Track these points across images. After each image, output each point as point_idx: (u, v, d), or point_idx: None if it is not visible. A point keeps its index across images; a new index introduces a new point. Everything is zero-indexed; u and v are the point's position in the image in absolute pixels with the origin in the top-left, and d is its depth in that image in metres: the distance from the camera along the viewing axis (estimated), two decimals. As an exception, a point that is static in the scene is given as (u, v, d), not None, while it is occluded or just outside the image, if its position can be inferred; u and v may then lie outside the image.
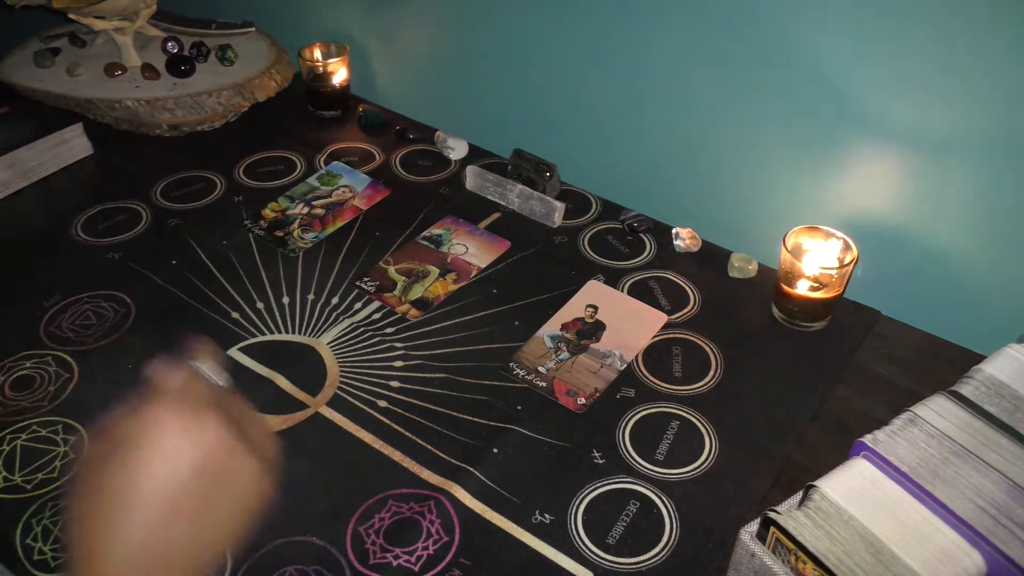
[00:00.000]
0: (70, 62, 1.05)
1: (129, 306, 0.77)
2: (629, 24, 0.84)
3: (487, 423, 0.67)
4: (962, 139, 0.70)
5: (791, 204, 0.83)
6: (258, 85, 1.03)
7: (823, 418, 0.68)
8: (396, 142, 1.02)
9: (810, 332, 0.76)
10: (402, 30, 1.06)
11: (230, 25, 1.12)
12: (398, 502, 0.61)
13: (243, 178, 0.95)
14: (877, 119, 0.73)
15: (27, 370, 0.71)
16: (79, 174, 0.96)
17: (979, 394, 0.56)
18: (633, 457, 0.65)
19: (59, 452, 0.64)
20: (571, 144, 0.96)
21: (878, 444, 0.53)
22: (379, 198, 0.92)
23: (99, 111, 1.00)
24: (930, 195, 0.74)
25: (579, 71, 0.91)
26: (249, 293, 0.78)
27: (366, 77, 1.12)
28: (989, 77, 0.66)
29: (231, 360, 0.72)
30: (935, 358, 0.74)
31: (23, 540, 0.58)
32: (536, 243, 0.86)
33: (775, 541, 0.50)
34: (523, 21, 0.92)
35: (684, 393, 0.70)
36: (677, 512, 0.61)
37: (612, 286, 0.81)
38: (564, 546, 0.58)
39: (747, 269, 0.82)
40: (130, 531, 0.37)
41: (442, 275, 0.81)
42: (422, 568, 0.57)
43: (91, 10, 1.01)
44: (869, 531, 0.48)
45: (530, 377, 0.71)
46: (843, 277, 0.73)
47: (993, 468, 0.51)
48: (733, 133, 0.83)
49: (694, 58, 0.81)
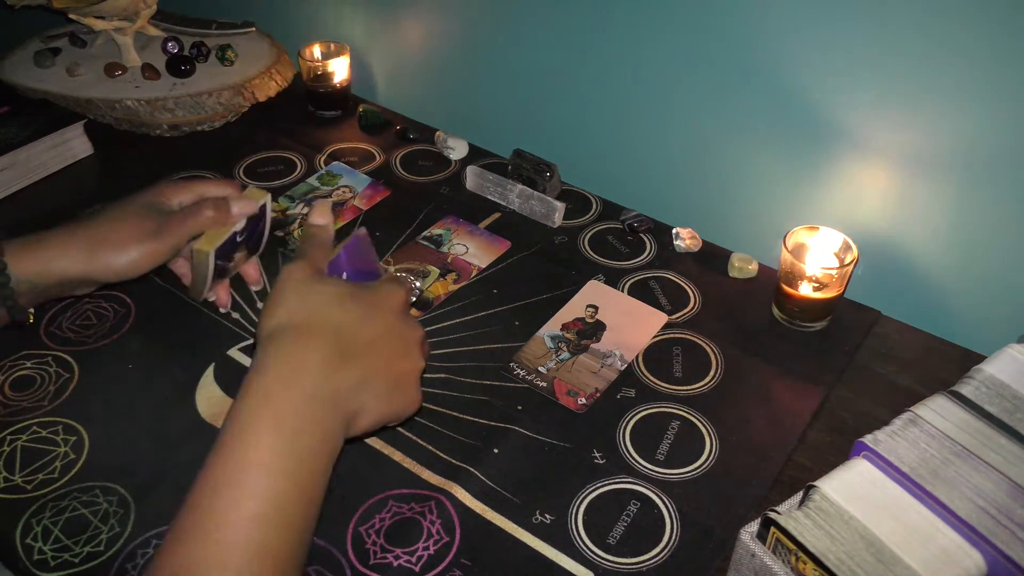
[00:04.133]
0: (70, 62, 1.05)
1: (129, 306, 0.77)
2: (630, 24, 0.84)
3: (487, 423, 0.67)
4: (964, 141, 0.70)
5: (791, 204, 0.83)
6: (258, 85, 1.03)
7: (823, 418, 0.68)
8: (396, 142, 1.02)
9: (810, 332, 0.76)
10: (402, 30, 1.06)
11: (230, 25, 1.12)
12: (398, 502, 0.61)
13: (243, 178, 0.95)
14: (877, 119, 0.73)
15: (27, 370, 0.71)
16: (79, 174, 0.96)
17: (979, 394, 0.56)
18: (633, 457, 0.65)
19: (59, 452, 0.64)
20: (571, 144, 0.96)
21: (878, 444, 0.53)
22: (379, 198, 0.92)
23: (99, 111, 1.00)
24: (931, 195, 0.74)
25: (579, 71, 0.91)
26: (249, 293, 0.78)
27: (366, 77, 1.12)
28: (990, 78, 0.66)
29: (232, 361, 0.72)
30: (935, 358, 0.74)
31: (23, 540, 0.58)
32: (536, 243, 0.86)
33: (775, 541, 0.50)
34: (524, 21, 0.92)
35: (684, 393, 0.70)
36: (677, 512, 0.61)
37: (612, 286, 0.81)
38: (565, 546, 0.58)
39: (747, 269, 0.82)
40: None
41: (442, 275, 0.81)
42: (423, 568, 0.57)
43: (91, 10, 1.01)
44: (869, 531, 0.48)
45: (530, 377, 0.71)
46: (843, 277, 0.73)
47: (993, 468, 0.51)
48: (734, 133, 0.83)
49: (695, 58, 0.81)
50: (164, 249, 0.63)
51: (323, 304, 0.51)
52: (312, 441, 0.46)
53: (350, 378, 0.49)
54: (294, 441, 0.45)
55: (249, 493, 0.43)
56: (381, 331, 0.52)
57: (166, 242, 0.63)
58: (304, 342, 0.49)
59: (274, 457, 0.45)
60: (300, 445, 0.46)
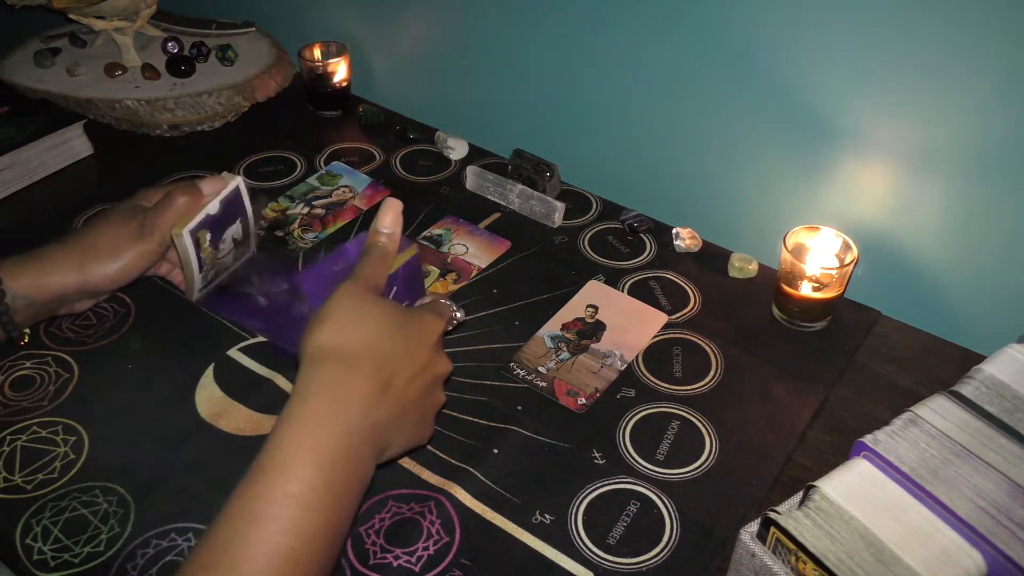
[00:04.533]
0: (70, 62, 1.05)
1: (129, 306, 0.77)
2: (630, 25, 0.84)
3: (487, 423, 0.67)
4: (963, 141, 0.70)
5: (791, 204, 0.83)
6: (258, 85, 1.03)
7: (823, 418, 0.68)
8: (396, 142, 1.02)
9: (810, 332, 0.76)
10: (402, 30, 1.06)
11: (230, 25, 1.12)
12: (398, 503, 0.61)
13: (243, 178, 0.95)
14: (877, 119, 0.73)
15: (27, 370, 0.71)
16: (79, 174, 0.96)
17: (979, 394, 0.56)
18: (633, 457, 0.65)
19: (59, 452, 0.64)
20: (571, 144, 0.96)
21: (878, 444, 0.53)
22: (379, 198, 0.92)
23: (99, 111, 1.00)
24: (931, 195, 0.74)
25: (579, 71, 0.91)
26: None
27: (366, 77, 1.12)
28: (990, 78, 0.66)
29: (232, 361, 0.72)
30: (935, 358, 0.74)
31: (23, 540, 0.58)
32: (536, 243, 0.86)
33: (775, 541, 0.50)
34: (524, 21, 0.92)
35: (684, 393, 0.70)
36: (677, 512, 0.61)
37: (612, 286, 0.81)
38: (564, 546, 0.58)
39: (747, 269, 0.82)
40: None
41: (442, 275, 0.81)
42: (423, 568, 0.57)
43: (91, 10, 1.02)
44: (869, 531, 0.48)
45: (530, 377, 0.71)
46: (843, 277, 0.73)
47: (993, 468, 0.51)
48: (734, 133, 0.83)
49: (695, 59, 0.81)
50: (151, 247, 0.64)
51: (373, 332, 0.50)
52: (347, 474, 0.47)
53: (388, 414, 0.49)
54: (331, 474, 0.46)
55: (283, 529, 0.44)
56: (419, 368, 0.52)
57: (151, 238, 0.64)
58: (351, 372, 0.48)
59: (312, 493, 0.45)
60: (336, 478, 0.46)
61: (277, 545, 0.43)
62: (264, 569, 0.43)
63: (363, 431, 0.48)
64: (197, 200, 0.65)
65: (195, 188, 0.65)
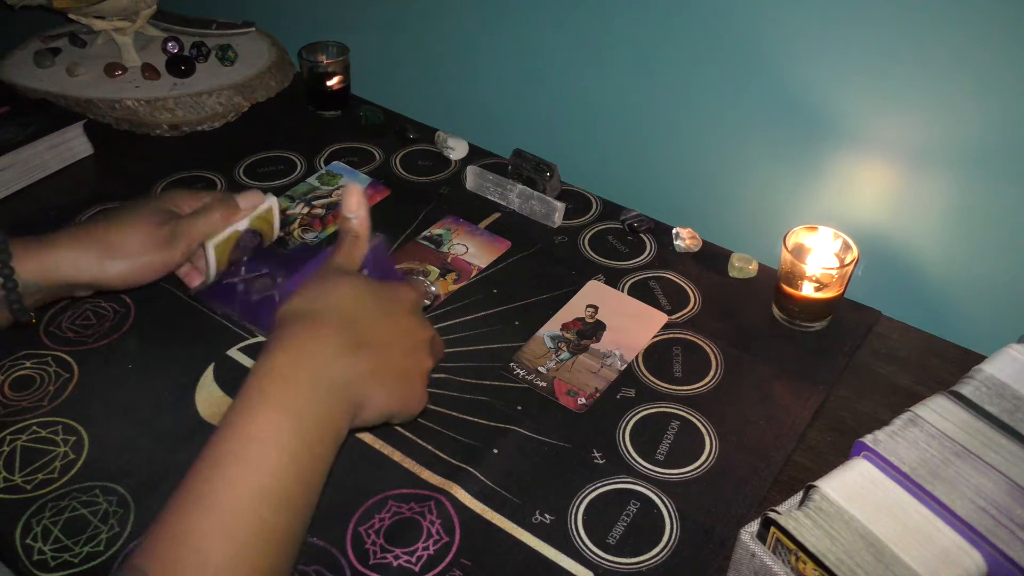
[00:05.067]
0: (70, 62, 1.05)
1: (129, 306, 0.77)
2: (630, 25, 0.84)
3: (487, 423, 0.67)
4: (963, 141, 0.70)
5: (791, 204, 0.83)
6: (258, 85, 1.03)
7: (823, 418, 0.68)
8: (396, 142, 1.02)
9: (810, 332, 0.76)
10: (402, 30, 1.06)
11: (230, 25, 1.12)
12: (398, 502, 0.61)
13: (243, 178, 0.95)
14: (877, 119, 0.73)
15: (27, 370, 0.71)
16: (79, 174, 0.96)
17: (979, 394, 0.56)
18: (633, 457, 0.65)
19: (59, 452, 0.64)
20: (571, 144, 0.96)
21: (878, 444, 0.53)
22: (379, 198, 0.92)
23: (99, 111, 1.00)
24: (931, 195, 0.74)
25: (579, 71, 0.91)
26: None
27: (366, 77, 1.12)
28: (990, 79, 0.66)
29: (232, 361, 0.72)
30: (935, 358, 0.74)
31: (23, 540, 0.58)
32: (536, 243, 0.86)
33: (775, 541, 0.50)
34: (524, 21, 0.92)
35: (684, 393, 0.70)
36: (677, 512, 0.61)
37: (612, 286, 0.81)
38: (564, 546, 0.58)
39: (747, 269, 0.82)
40: None
41: (442, 275, 0.81)
42: (422, 568, 0.57)
43: (91, 10, 1.02)
44: (869, 531, 0.48)
45: (530, 377, 0.71)
46: (843, 277, 0.73)
47: (993, 468, 0.51)
48: (734, 133, 0.83)
49: (696, 60, 0.81)
50: (176, 257, 0.64)
51: (340, 296, 0.52)
52: (317, 424, 0.47)
53: (359, 367, 0.49)
54: (299, 421, 0.46)
55: (252, 467, 0.44)
56: (393, 327, 0.53)
57: (179, 249, 0.63)
58: (317, 329, 0.49)
59: (279, 434, 0.45)
60: (305, 426, 0.46)
61: (250, 484, 0.43)
62: (239, 508, 0.43)
63: (330, 382, 0.48)
64: (233, 215, 0.65)
65: (232, 202, 0.65)
